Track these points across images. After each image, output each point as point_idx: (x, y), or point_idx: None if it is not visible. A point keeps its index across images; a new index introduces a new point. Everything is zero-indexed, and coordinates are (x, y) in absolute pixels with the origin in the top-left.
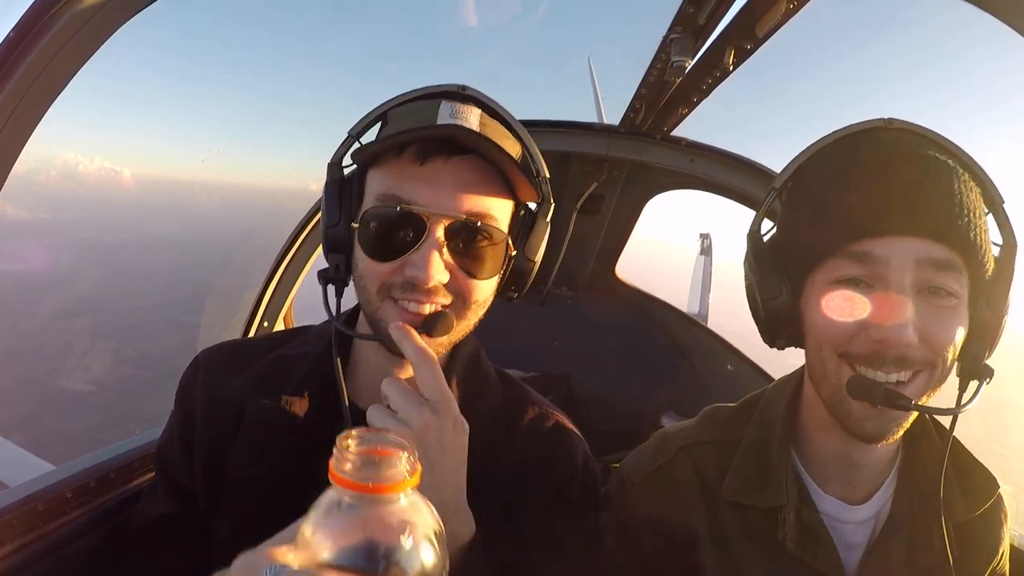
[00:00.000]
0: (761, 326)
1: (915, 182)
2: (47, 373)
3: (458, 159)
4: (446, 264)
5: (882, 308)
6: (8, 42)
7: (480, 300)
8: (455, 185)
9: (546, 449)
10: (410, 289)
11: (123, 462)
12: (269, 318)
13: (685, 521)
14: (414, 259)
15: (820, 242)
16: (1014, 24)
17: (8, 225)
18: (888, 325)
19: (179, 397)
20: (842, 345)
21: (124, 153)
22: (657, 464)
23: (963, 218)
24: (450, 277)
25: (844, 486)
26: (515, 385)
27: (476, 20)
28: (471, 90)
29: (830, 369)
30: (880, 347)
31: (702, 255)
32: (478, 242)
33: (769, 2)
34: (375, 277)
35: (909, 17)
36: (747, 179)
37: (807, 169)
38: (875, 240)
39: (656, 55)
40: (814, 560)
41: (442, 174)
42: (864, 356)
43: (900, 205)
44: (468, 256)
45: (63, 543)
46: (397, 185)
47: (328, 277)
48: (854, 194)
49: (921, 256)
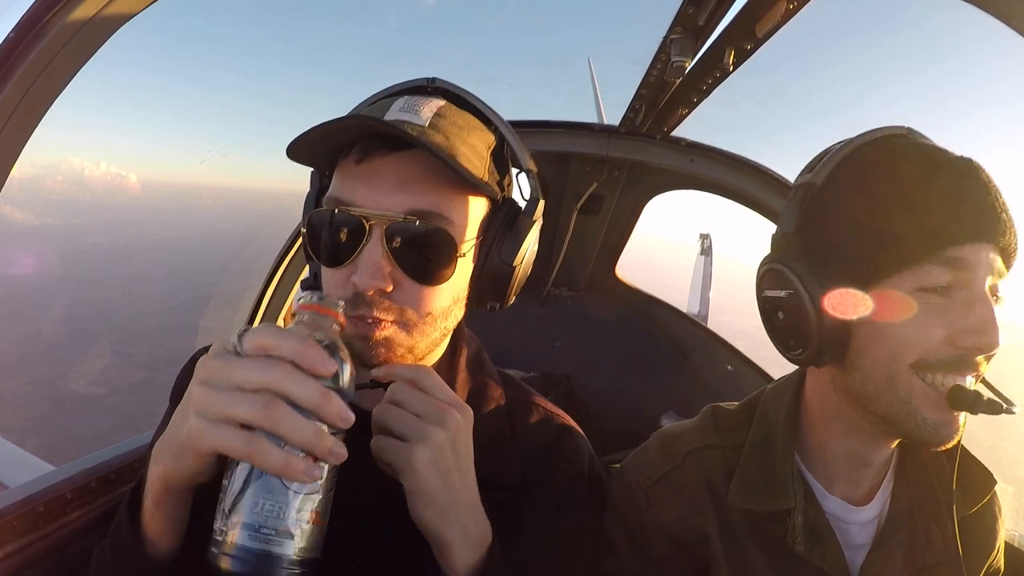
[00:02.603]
0: (805, 343)
1: (984, 189)
2: (60, 376)
3: (401, 155)
4: (390, 270)
5: (973, 315)
6: (8, 43)
7: (435, 311)
8: (396, 182)
9: (552, 450)
10: (357, 303)
11: (123, 463)
12: (269, 319)
13: (698, 525)
14: (357, 263)
15: (904, 248)
16: (1013, 24)
17: (17, 231)
18: (982, 332)
19: (172, 396)
20: (927, 355)
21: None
22: (667, 469)
23: (1017, 227)
24: (395, 286)
25: (849, 485)
26: (518, 386)
27: (476, 20)
28: (441, 82)
29: (900, 382)
30: (968, 354)
31: (702, 255)
32: (423, 244)
33: (769, 3)
34: (331, 290)
35: (909, 17)
36: (747, 179)
37: (851, 172)
38: (963, 246)
39: (656, 55)
40: (821, 561)
41: (382, 171)
42: (947, 363)
43: (980, 211)
44: (414, 259)
45: (63, 544)
46: (339, 186)
47: (310, 286)
48: (940, 199)
49: (995, 263)
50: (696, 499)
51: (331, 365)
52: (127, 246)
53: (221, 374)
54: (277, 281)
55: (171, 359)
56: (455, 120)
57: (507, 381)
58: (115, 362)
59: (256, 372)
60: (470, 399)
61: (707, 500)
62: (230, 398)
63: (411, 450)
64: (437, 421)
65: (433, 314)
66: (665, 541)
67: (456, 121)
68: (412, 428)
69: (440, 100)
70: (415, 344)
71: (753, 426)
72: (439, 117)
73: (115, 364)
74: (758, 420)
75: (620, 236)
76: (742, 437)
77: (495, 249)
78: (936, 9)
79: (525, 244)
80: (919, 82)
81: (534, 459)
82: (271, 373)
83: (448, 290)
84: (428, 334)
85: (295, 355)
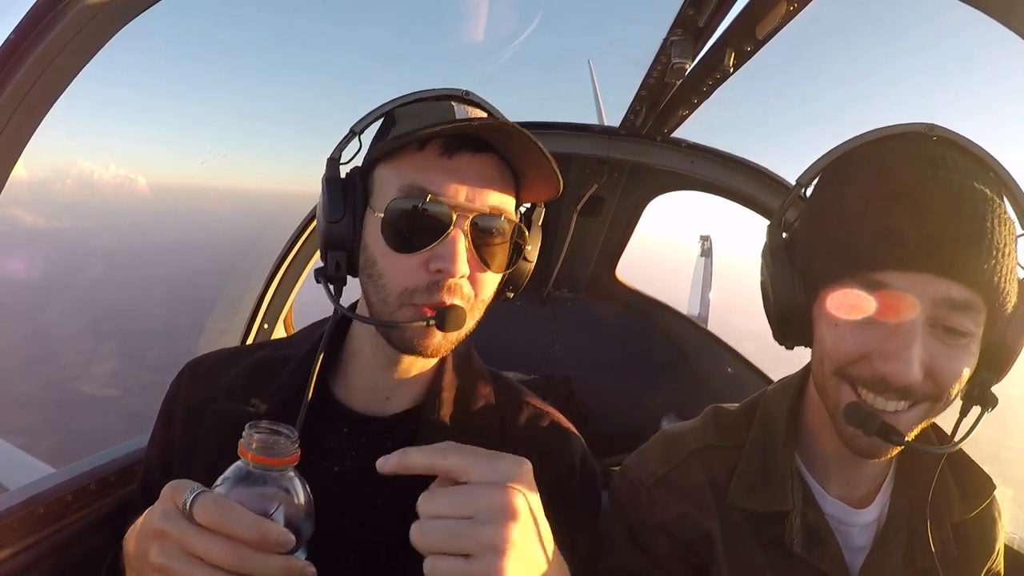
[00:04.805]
0: (772, 322)
1: (945, 216)
2: (73, 379)
3: (482, 156)
4: (470, 258)
5: (890, 342)
6: (8, 44)
7: (486, 297)
8: (479, 180)
9: (543, 447)
10: (433, 290)
11: (123, 465)
12: (269, 320)
13: (700, 523)
14: (439, 251)
15: (839, 262)
16: (1012, 25)
17: (27, 234)
18: (894, 361)
19: (162, 411)
20: (844, 367)
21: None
22: (669, 467)
23: (990, 260)
24: (470, 272)
25: (844, 486)
26: (508, 385)
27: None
28: (474, 96)
29: (830, 385)
30: (882, 376)
31: (702, 256)
32: (496, 237)
33: (769, 4)
34: (397, 277)
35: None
36: (748, 181)
37: (837, 173)
38: (895, 273)
39: (656, 57)
40: (820, 562)
41: (468, 168)
42: (866, 380)
43: (927, 240)
44: (486, 251)
45: (63, 546)
46: (423, 178)
47: (328, 276)
48: (881, 219)
49: (940, 296)
50: (698, 498)
51: (289, 540)
52: (136, 248)
53: (179, 543)
54: (277, 284)
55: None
56: None
57: (497, 379)
58: (126, 364)
59: (216, 552)
60: (460, 397)
61: (709, 499)
62: (192, 568)
63: (486, 567)
64: (500, 511)
65: (485, 300)
66: (666, 539)
67: None
68: (471, 540)
69: (481, 111)
70: (468, 326)
71: (754, 427)
72: None
73: (126, 366)
74: (759, 421)
75: (620, 238)
76: (743, 437)
77: (521, 244)
78: (936, 11)
79: (538, 243)
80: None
81: (525, 456)
82: (231, 555)
83: (498, 278)
84: (476, 317)
85: (254, 542)
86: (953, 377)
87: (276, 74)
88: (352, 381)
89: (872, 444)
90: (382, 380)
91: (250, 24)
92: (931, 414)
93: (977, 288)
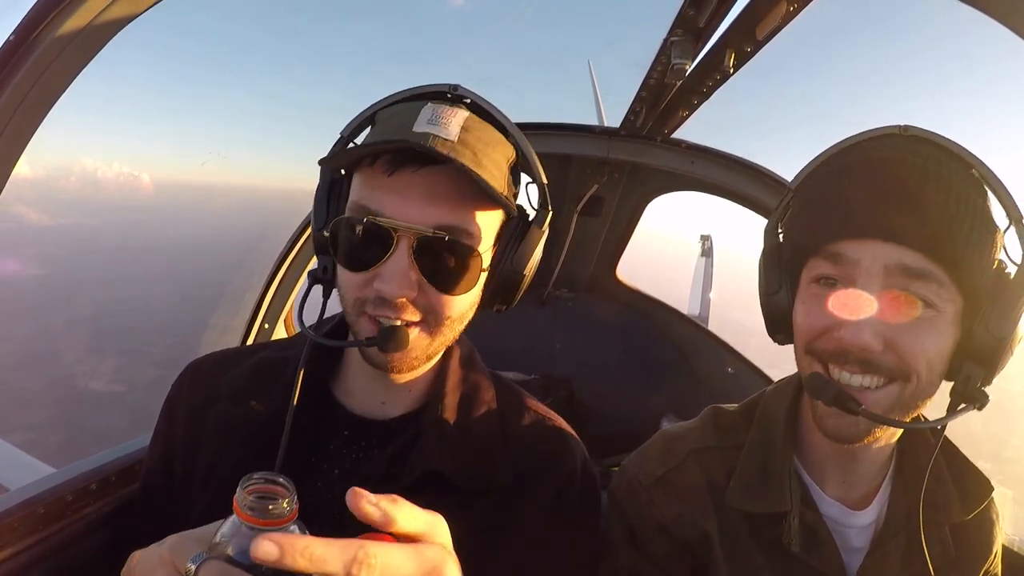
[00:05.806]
0: (764, 320)
1: (900, 187)
2: (79, 376)
3: (429, 170)
4: (416, 279)
5: (844, 306)
6: (8, 44)
7: (455, 316)
8: (425, 197)
9: (544, 452)
10: (380, 304)
11: (124, 465)
12: (270, 320)
13: (698, 524)
14: (382, 272)
15: (805, 241)
16: (1012, 25)
17: (32, 231)
18: (848, 327)
19: (163, 412)
20: (812, 342)
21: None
22: (668, 467)
23: (950, 228)
24: (419, 292)
25: (841, 486)
26: (510, 388)
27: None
28: (463, 90)
29: (803, 365)
30: (842, 345)
31: (703, 256)
32: (448, 257)
33: (769, 5)
34: (350, 288)
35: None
36: (748, 181)
37: (814, 172)
38: (850, 242)
39: (656, 58)
40: (818, 563)
41: (412, 185)
42: (830, 353)
43: (877, 209)
44: (439, 271)
45: (64, 546)
46: (368, 195)
47: (317, 277)
48: (837, 196)
49: (892, 262)
50: (697, 498)
51: None
52: (141, 245)
53: None
54: (278, 283)
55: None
56: (480, 135)
57: (499, 382)
58: (132, 360)
59: None
60: (462, 400)
61: (708, 500)
62: None
63: None
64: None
65: (452, 318)
66: (665, 539)
67: (481, 136)
68: None
69: (464, 111)
70: (432, 345)
71: (753, 427)
72: (466, 132)
73: (132, 363)
74: (758, 421)
75: (620, 238)
76: (742, 438)
77: (508, 258)
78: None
79: (536, 253)
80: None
81: (527, 460)
82: None
83: (468, 297)
84: (446, 336)
85: None
86: (917, 350)
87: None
88: (350, 385)
89: (839, 425)
90: (375, 386)
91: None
92: (907, 398)
93: (935, 257)
